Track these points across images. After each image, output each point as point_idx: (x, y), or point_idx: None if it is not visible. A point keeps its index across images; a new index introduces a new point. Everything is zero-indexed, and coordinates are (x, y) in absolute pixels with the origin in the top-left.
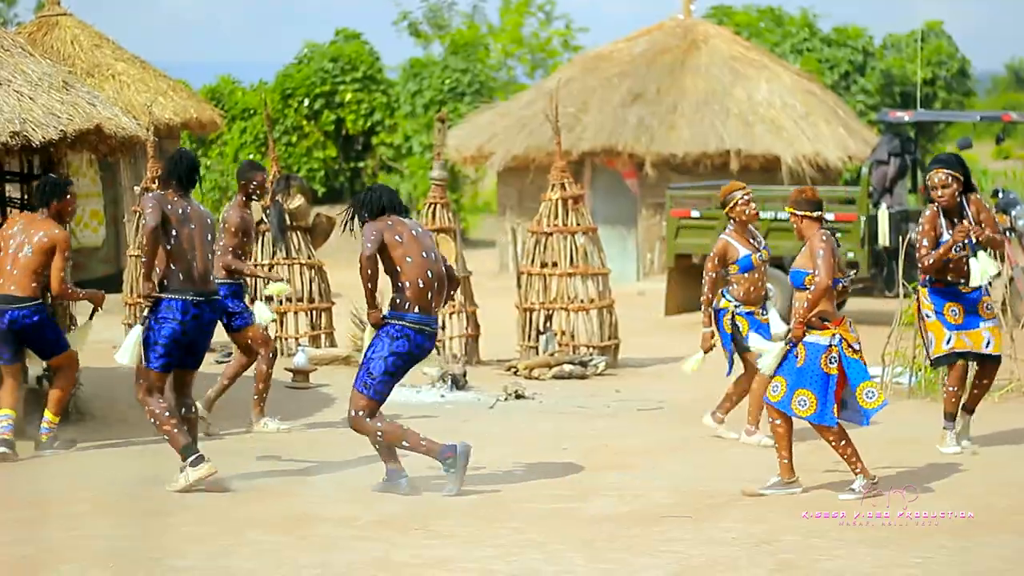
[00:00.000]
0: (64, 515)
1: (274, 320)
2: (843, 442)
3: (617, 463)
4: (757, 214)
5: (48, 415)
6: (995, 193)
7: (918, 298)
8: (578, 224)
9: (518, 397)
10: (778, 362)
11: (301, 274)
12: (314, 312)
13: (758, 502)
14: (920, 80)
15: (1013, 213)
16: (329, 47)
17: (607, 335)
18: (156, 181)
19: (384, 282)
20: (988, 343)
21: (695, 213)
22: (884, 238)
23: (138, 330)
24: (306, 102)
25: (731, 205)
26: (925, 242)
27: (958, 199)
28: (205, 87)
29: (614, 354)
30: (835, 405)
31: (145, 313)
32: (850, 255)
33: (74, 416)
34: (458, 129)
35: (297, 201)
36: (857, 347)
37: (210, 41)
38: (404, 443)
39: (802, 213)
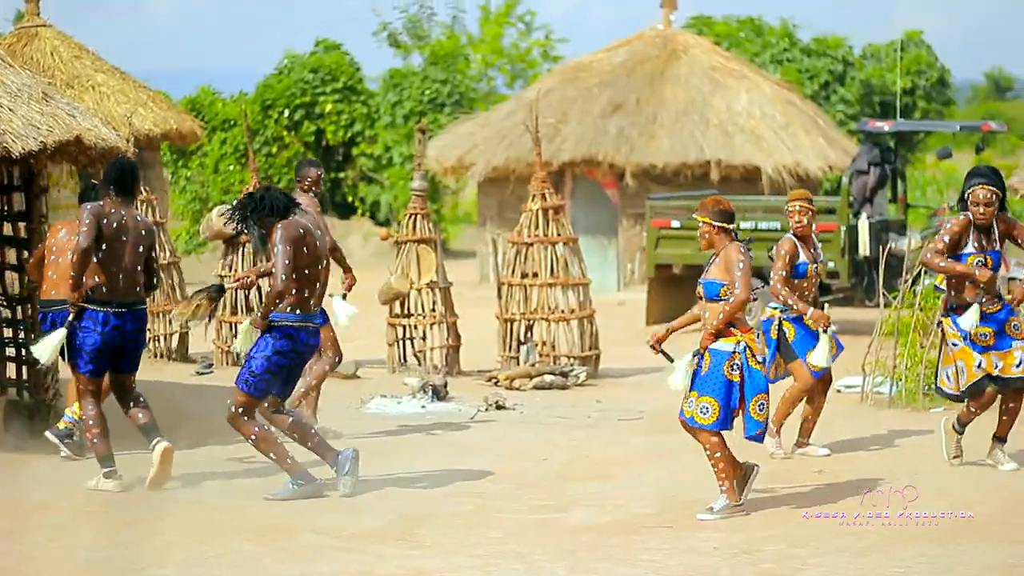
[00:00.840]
0: (44, 525)
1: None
2: (719, 454)
3: (598, 473)
4: (807, 226)
5: (76, 406)
6: None
7: (942, 330)
8: (558, 234)
9: (499, 408)
10: (688, 377)
11: None
12: None
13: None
14: (900, 90)
15: None
16: (309, 58)
17: (588, 345)
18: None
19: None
20: (1019, 364)
21: (675, 223)
22: (864, 248)
23: (61, 333)
24: (286, 113)
25: (787, 211)
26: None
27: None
28: (185, 98)
29: (595, 364)
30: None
31: (70, 319)
32: (831, 264)
33: (52, 423)
34: (438, 140)
35: None
36: (761, 359)
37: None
38: (271, 454)
39: (718, 224)
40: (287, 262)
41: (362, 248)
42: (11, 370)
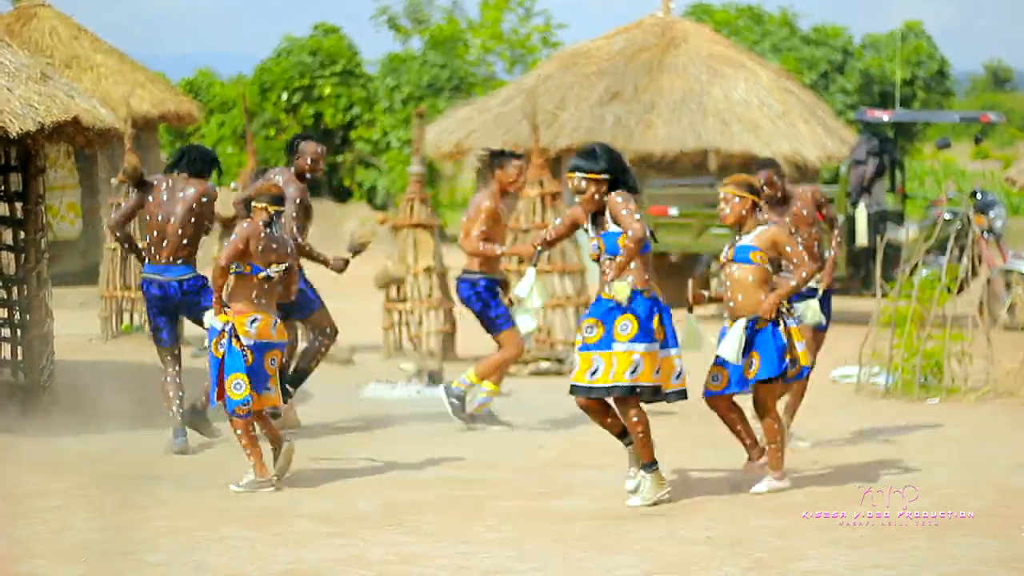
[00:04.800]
0: (37, 508)
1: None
2: (239, 431)
3: (592, 461)
4: (728, 216)
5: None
6: (973, 194)
7: None
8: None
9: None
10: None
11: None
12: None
13: (732, 501)
14: (899, 80)
15: (991, 214)
16: (308, 41)
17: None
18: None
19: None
20: None
21: (673, 211)
22: (862, 238)
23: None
24: (284, 96)
25: None
26: None
27: None
28: (183, 80)
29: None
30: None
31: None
32: (828, 253)
33: (47, 409)
34: (436, 125)
35: None
36: (248, 342)
37: (188, 33)
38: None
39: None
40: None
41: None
42: (6, 351)
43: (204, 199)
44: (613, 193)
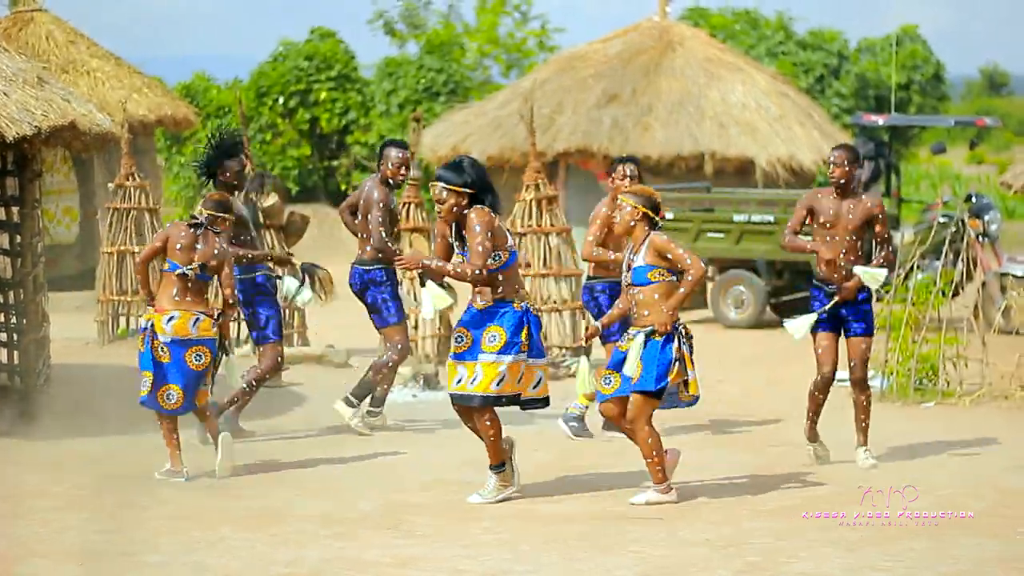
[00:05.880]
0: (37, 509)
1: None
2: (158, 423)
3: (588, 464)
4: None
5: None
6: (968, 198)
7: None
8: (552, 225)
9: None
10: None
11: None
12: (286, 311)
13: (729, 503)
14: (895, 84)
15: (986, 218)
16: (304, 45)
17: (580, 336)
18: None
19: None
20: None
21: (669, 215)
22: None
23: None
24: (281, 100)
25: None
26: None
27: None
28: (180, 84)
29: (586, 356)
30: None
31: None
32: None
33: (44, 412)
34: (433, 129)
35: (271, 199)
36: (165, 339)
37: (185, 38)
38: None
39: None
40: None
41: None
42: (2, 355)
43: None
44: (471, 208)
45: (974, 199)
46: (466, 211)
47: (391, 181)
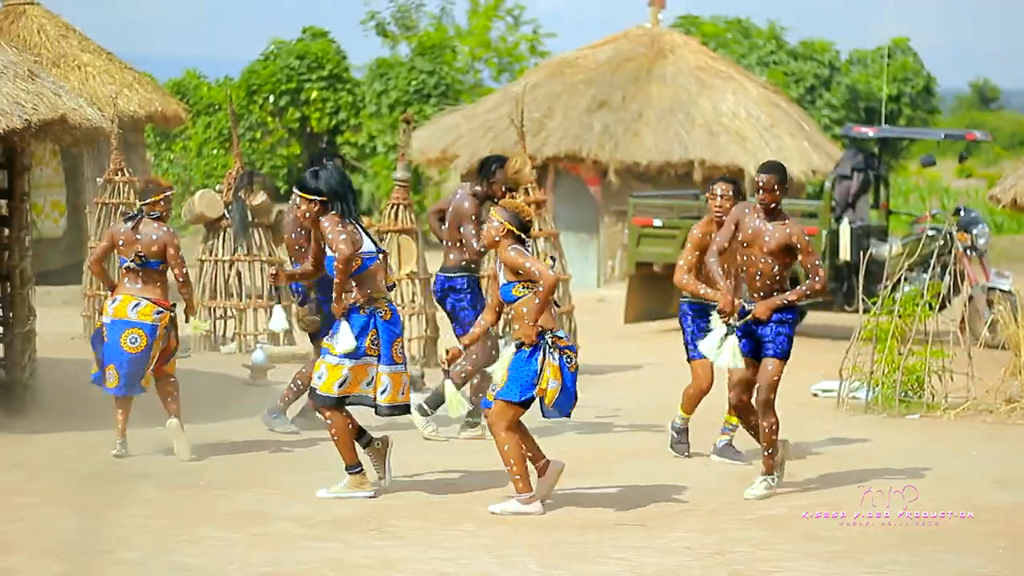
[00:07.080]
0: (14, 506)
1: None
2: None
3: (572, 470)
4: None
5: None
6: (957, 211)
7: None
8: (540, 229)
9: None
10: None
11: (262, 271)
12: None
13: (712, 511)
14: (885, 96)
15: (974, 231)
16: (296, 45)
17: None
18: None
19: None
20: None
21: (657, 222)
22: (845, 252)
23: None
24: (271, 99)
25: None
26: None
27: None
28: (170, 81)
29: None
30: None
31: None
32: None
33: (29, 406)
34: (423, 131)
35: (260, 198)
36: (106, 320)
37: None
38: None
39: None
40: None
41: None
42: None
43: None
44: (324, 216)
45: (962, 212)
46: (320, 218)
47: (494, 199)
